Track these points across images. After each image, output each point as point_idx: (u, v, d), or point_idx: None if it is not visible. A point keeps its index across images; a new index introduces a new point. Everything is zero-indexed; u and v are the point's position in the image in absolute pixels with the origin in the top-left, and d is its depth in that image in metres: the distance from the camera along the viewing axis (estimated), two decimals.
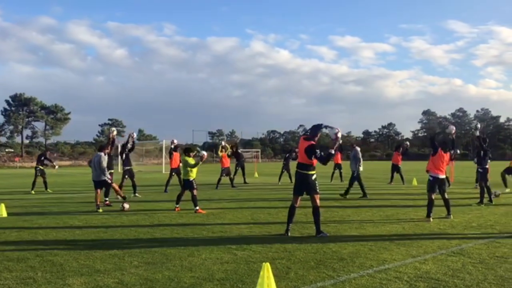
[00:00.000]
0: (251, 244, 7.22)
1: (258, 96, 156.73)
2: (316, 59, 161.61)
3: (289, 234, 8.04)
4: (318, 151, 7.72)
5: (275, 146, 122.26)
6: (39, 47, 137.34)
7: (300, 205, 8.27)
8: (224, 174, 19.43)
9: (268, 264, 4.74)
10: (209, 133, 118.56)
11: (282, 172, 21.59)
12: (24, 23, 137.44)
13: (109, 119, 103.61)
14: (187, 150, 11.78)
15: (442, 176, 9.91)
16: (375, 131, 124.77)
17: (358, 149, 15.16)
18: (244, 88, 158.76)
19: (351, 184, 14.86)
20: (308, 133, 8.01)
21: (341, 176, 22.72)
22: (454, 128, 10.20)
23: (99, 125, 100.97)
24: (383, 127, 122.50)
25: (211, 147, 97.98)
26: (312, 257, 6.34)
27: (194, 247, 7.08)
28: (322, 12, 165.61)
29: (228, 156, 20.14)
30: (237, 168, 21.49)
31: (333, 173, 23.09)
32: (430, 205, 9.70)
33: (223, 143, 20.81)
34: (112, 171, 14.04)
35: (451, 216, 9.96)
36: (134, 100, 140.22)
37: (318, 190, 7.98)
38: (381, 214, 10.82)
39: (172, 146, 18.01)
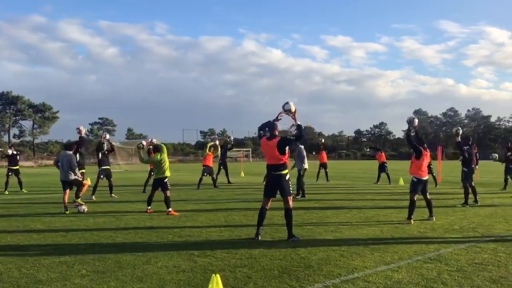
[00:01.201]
0: (216, 250, 6.72)
1: (251, 95, 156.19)
2: (309, 59, 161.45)
3: (259, 238, 7.56)
4: (287, 136, 7.40)
5: None
6: (30, 45, 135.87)
7: (279, 207, 7.76)
8: (205, 174, 18.88)
9: (218, 276, 4.26)
10: (201, 132, 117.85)
11: None
12: (15, 22, 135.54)
13: (99, 118, 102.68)
14: (155, 147, 11.29)
15: (426, 177, 9.47)
16: (366, 131, 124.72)
17: (302, 147, 14.49)
18: (237, 87, 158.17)
19: (301, 185, 14.32)
20: (267, 134, 7.57)
21: (327, 175, 22.28)
22: (416, 120, 9.65)
23: (89, 124, 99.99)
24: (375, 126, 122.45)
25: (203, 147, 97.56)
26: (278, 265, 5.85)
27: (153, 253, 6.56)
28: (314, 12, 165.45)
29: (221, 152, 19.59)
30: (220, 167, 20.95)
31: (318, 172, 22.64)
32: (412, 206, 9.25)
33: (217, 142, 20.22)
34: (84, 170, 13.50)
35: (434, 218, 9.53)
36: (126, 99, 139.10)
37: (291, 191, 7.52)
38: (361, 215, 10.36)
39: (150, 147, 17.41)
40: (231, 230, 8.45)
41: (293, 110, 7.59)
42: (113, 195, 15.18)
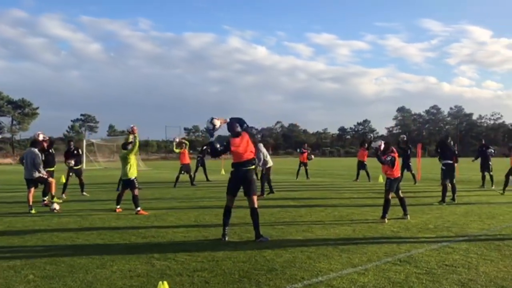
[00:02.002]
0: (179, 252, 6.38)
1: (236, 92, 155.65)
2: (293, 56, 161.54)
3: (226, 238, 7.25)
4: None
5: None
6: (11, 40, 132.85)
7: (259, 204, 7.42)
8: (183, 172, 18.50)
9: (165, 283, 3.93)
10: (185, 129, 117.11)
11: None
12: None
13: (81, 115, 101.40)
14: (124, 144, 10.88)
15: (399, 176, 9.30)
16: (350, 128, 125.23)
17: (261, 145, 14.19)
18: (222, 84, 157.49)
19: (263, 183, 14.04)
20: (237, 131, 7.29)
21: (306, 173, 22.06)
22: (382, 143, 9.43)
23: (71, 120, 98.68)
24: (359, 123, 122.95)
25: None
26: (240, 268, 5.54)
27: (110, 256, 6.20)
28: (299, 9, 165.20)
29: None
30: (198, 165, 20.57)
31: (298, 170, 22.42)
32: (387, 205, 9.04)
33: (177, 139, 19.77)
34: (52, 169, 13.02)
35: (408, 216, 9.33)
36: (109, 95, 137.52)
37: (256, 190, 7.24)
38: (336, 214, 10.12)
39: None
40: (199, 231, 8.12)
41: (217, 126, 7.28)
42: (84, 193, 14.75)
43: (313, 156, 23.30)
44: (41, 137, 11.99)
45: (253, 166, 7.25)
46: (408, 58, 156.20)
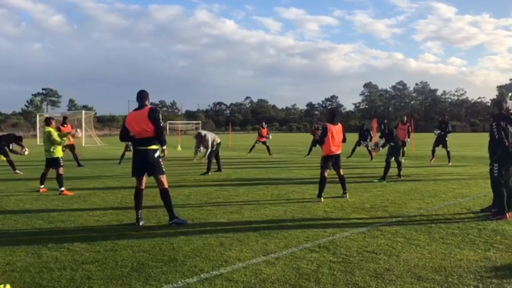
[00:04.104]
0: (78, 241, 5.68)
1: (204, 67, 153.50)
2: (262, 31, 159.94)
3: (141, 223, 6.58)
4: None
5: (220, 118, 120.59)
6: None
7: (189, 184, 6.72)
8: (129, 148, 17.60)
9: (8, 286, 3.23)
10: (151, 104, 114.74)
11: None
12: None
13: (43, 89, 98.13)
14: (48, 120, 9.96)
15: (338, 152, 8.75)
16: (318, 104, 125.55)
17: (209, 134, 13.87)
18: (189, 59, 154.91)
19: (209, 160, 13.61)
20: (144, 103, 6.54)
21: (268, 150, 21.54)
22: None
23: (32, 94, 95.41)
24: (326, 99, 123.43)
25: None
26: (137, 259, 4.90)
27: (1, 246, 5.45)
28: None
29: None
30: None
31: (253, 146, 21.89)
32: (322, 183, 8.53)
33: None
34: None
35: (347, 195, 8.87)
36: (73, 70, 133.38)
37: (163, 169, 6.54)
38: (275, 193, 9.58)
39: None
40: (117, 214, 7.42)
41: None
42: (17, 171, 13.81)
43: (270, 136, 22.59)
44: None
45: (153, 147, 6.47)
46: (375, 34, 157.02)
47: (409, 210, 7.54)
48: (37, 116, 43.21)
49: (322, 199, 8.37)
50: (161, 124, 6.50)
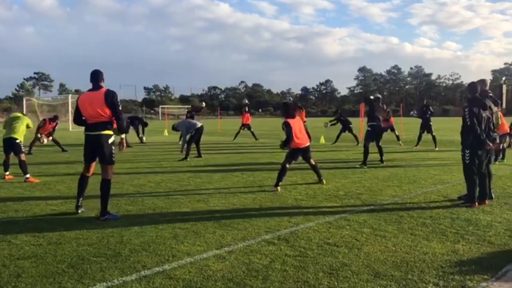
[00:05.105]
0: (25, 232, 5.32)
1: (198, 51, 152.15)
2: (257, 14, 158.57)
3: (80, 211, 6.25)
4: None
5: (214, 102, 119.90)
6: None
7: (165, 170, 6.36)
8: (41, 141, 17.19)
9: None
10: (145, 88, 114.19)
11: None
12: None
13: (34, 73, 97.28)
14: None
15: (307, 144, 8.36)
16: (313, 88, 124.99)
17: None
18: (184, 42, 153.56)
19: (189, 146, 13.19)
20: (99, 84, 6.10)
21: (254, 135, 21.19)
22: None
23: (24, 78, 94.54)
24: (321, 84, 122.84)
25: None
26: (79, 253, 4.54)
27: None
28: None
29: None
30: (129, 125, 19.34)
31: (238, 132, 21.52)
32: (282, 173, 8.09)
33: None
34: None
35: (324, 181, 8.55)
36: (66, 54, 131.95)
37: (113, 159, 6.13)
38: (249, 179, 9.25)
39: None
40: (72, 203, 6.98)
41: None
42: None
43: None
44: None
45: (108, 131, 6.06)
46: (371, 18, 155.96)
47: (383, 198, 7.21)
48: (24, 100, 42.44)
49: (279, 188, 7.95)
50: (120, 109, 6.06)
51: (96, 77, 6.02)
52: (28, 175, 9.13)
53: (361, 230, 5.33)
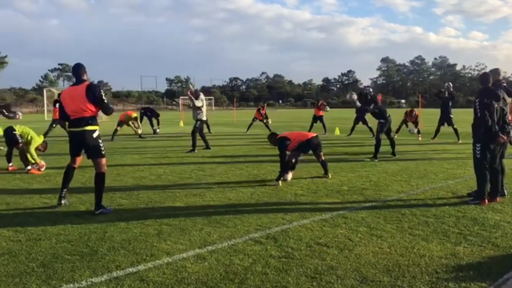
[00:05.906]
0: (4, 229, 5.13)
1: (220, 42, 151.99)
2: (279, 4, 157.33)
3: (62, 202, 6.12)
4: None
5: (235, 94, 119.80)
6: None
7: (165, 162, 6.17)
8: (120, 126, 17.35)
9: None
10: (167, 79, 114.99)
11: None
12: None
13: (59, 64, 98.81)
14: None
15: (315, 134, 8.11)
16: (334, 79, 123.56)
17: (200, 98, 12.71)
18: (205, 34, 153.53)
19: (194, 137, 12.68)
20: (82, 78, 5.88)
21: (267, 127, 20.86)
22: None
23: (49, 70, 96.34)
24: (343, 74, 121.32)
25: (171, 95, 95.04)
26: (54, 251, 4.34)
27: None
28: None
29: None
30: (142, 116, 19.28)
31: (251, 124, 21.21)
32: (286, 167, 7.84)
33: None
34: None
35: (329, 175, 8.23)
36: (89, 45, 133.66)
37: (103, 153, 5.93)
38: (253, 172, 8.99)
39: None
40: (70, 196, 6.84)
41: None
42: (1, 148, 13.46)
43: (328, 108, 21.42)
44: None
45: (91, 128, 5.83)
46: (394, 7, 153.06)
47: (388, 194, 6.84)
48: (44, 91, 42.96)
49: (280, 183, 7.63)
50: (106, 101, 5.83)
51: (77, 71, 5.83)
52: (29, 167, 9.05)
53: (357, 229, 5.00)
